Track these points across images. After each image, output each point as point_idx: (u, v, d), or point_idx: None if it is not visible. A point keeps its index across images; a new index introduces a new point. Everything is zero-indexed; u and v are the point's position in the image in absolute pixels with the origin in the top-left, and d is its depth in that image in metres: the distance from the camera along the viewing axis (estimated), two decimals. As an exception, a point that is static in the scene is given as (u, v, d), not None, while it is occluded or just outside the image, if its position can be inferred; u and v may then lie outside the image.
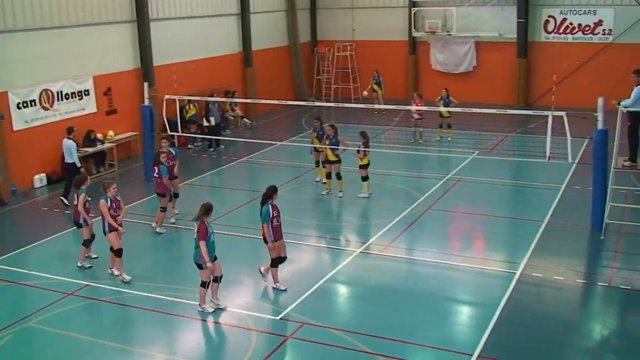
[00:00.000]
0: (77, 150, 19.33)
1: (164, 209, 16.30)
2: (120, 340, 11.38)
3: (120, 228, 13.53)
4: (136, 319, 12.15)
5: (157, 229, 16.31)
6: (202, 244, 11.76)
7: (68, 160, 18.76)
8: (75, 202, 14.19)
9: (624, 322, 12.02)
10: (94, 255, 14.60)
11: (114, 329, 11.80)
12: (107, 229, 13.45)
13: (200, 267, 11.94)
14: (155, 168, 16.31)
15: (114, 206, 13.48)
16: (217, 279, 12.21)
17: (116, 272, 13.69)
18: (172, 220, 16.83)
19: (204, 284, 12.08)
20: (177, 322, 12.02)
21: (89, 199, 14.20)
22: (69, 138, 18.77)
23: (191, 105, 25.23)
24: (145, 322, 12.06)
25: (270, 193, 12.70)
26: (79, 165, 18.82)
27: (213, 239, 12.05)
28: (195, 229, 11.86)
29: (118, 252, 13.54)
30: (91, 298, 12.96)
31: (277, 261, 12.92)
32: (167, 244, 16.01)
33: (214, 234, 12.12)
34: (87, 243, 14.32)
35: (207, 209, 12.03)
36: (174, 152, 17.01)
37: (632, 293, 12.76)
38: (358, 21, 34.72)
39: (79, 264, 14.29)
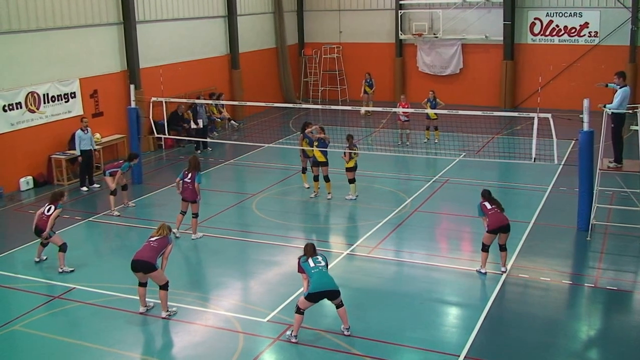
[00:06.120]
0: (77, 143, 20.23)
1: (195, 215, 15.90)
2: (108, 344, 11.32)
3: None
4: (123, 321, 12.08)
5: (193, 236, 16.03)
6: None
7: (78, 149, 20.15)
8: (48, 213, 14.24)
9: (609, 323, 12.07)
10: (44, 257, 14.83)
11: (101, 332, 11.72)
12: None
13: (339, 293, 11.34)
14: (189, 173, 15.75)
15: None
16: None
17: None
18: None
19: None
20: (164, 325, 11.97)
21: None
22: (81, 129, 20.19)
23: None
24: (132, 325, 11.99)
25: None
26: (80, 150, 20.14)
27: None
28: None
29: None
30: (77, 301, 12.89)
31: None
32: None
33: None
34: (64, 247, 14.30)
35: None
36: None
37: (617, 294, 12.84)
38: (345, 23, 34.74)
39: (60, 270, 14.23)
